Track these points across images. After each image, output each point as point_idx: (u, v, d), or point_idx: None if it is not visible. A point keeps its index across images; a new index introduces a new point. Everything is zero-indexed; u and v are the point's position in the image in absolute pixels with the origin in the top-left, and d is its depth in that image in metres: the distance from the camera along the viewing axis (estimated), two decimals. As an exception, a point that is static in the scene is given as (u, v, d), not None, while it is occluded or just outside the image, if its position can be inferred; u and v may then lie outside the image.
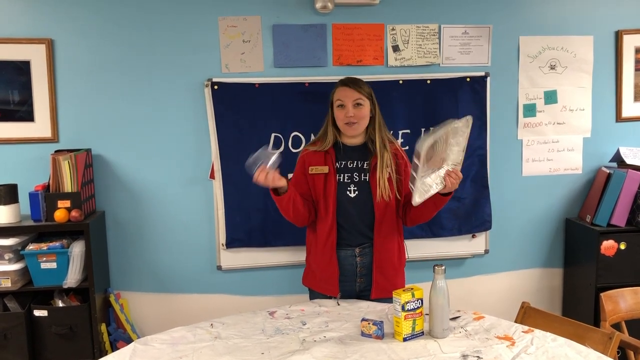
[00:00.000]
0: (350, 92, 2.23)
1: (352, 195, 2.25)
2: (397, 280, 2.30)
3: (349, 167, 2.27)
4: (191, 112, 2.89)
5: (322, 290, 2.31)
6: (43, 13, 2.74)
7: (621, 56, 3.13)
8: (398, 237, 2.33)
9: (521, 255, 3.24)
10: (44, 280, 2.58)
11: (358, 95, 2.23)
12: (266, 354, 1.76)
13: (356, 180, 2.26)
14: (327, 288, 2.29)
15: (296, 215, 2.24)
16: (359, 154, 2.29)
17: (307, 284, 2.42)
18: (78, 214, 2.57)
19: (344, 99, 2.23)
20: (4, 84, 2.74)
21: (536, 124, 3.13)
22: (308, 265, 2.42)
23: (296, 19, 2.90)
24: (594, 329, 2.03)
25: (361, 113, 2.24)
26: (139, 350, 1.79)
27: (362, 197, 2.25)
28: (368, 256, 2.28)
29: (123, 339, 2.78)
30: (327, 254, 2.26)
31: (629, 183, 2.93)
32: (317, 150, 2.30)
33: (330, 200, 2.24)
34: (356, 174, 2.26)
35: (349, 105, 2.22)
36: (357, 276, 2.29)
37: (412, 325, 1.82)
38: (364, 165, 2.27)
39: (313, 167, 2.27)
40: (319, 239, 2.29)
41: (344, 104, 2.23)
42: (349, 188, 2.26)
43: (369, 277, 2.28)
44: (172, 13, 2.83)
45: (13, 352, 2.54)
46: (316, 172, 2.27)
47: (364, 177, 2.26)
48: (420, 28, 2.98)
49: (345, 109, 2.23)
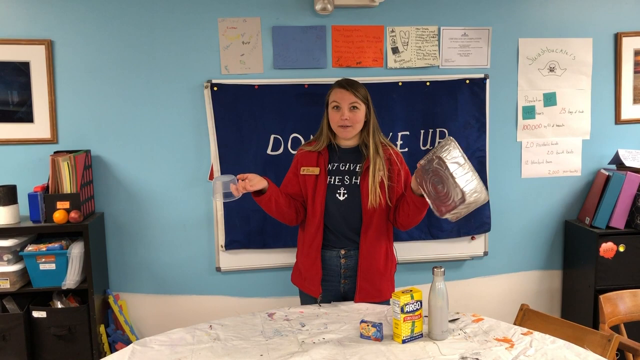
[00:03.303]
0: (347, 95, 2.21)
1: (341, 198, 2.23)
2: (383, 286, 2.26)
3: (341, 169, 2.26)
4: (190, 113, 2.89)
5: (306, 290, 2.32)
6: (43, 14, 2.74)
7: (620, 58, 3.13)
8: (387, 243, 2.30)
9: (520, 258, 3.24)
10: (42, 281, 2.58)
11: (354, 98, 2.21)
12: (265, 355, 1.75)
13: (347, 183, 2.24)
14: (310, 288, 2.29)
15: (281, 215, 2.25)
16: (351, 156, 2.28)
17: (294, 282, 2.42)
18: (77, 215, 2.57)
19: (340, 101, 2.21)
20: (3, 84, 2.74)
21: (535, 126, 3.14)
22: (296, 263, 2.42)
23: (296, 21, 2.90)
24: (593, 331, 2.03)
25: (356, 117, 2.22)
26: (138, 351, 1.79)
27: (350, 200, 2.23)
28: (353, 259, 2.26)
29: (122, 340, 2.78)
30: (312, 255, 2.26)
31: (627, 185, 2.93)
32: (311, 151, 2.30)
33: (318, 202, 2.23)
34: (347, 177, 2.25)
35: (345, 108, 2.20)
36: (341, 277, 2.28)
37: (411, 327, 1.82)
38: (355, 168, 2.26)
39: (305, 167, 2.27)
40: (306, 238, 2.29)
41: (340, 106, 2.21)
42: (338, 191, 2.24)
43: (354, 280, 2.26)
44: (172, 14, 2.83)
45: (12, 353, 2.54)
46: (307, 172, 2.27)
47: (354, 180, 2.24)
48: (420, 30, 2.98)
49: (340, 111, 2.21)
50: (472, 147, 3.04)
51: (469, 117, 3.02)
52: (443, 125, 3.00)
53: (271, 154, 2.92)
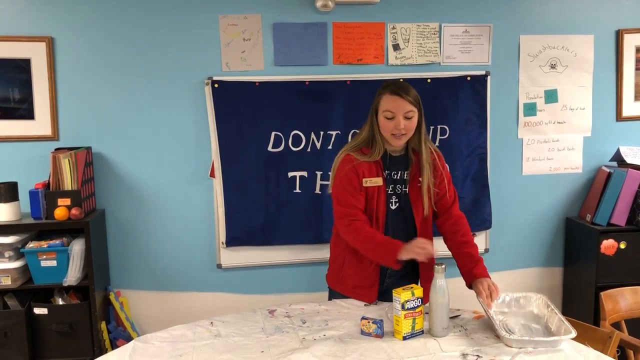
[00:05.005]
0: (402, 103, 2.04)
1: (394, 207, 2.15)
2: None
3: (393, 178, 2.15)
4: (191, 110, 2.89)
5: (357, 297, 2.19)
6: (43, 11, 2.74)
7: (622, 55, 3.13)
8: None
9: (521, 254, 3.24)
10: (44, 278, 2.58)
11: (410, 107, 2.04)
12: (266, 352, 1.76)
13: (398, 192, 2.15)
14: (363, 294, 2.17)
15: None
16: (402, 163, 2.15)
17: (337, 289, 2.27)
18: (78, 212, 2.57)
19: (395, 110, 2.04)
20: (4, 81, 2.74)
21: (536, 123, 3.13)
22: (338, 270, 2.25)
23: (297, 18, 2.89)
24: (594, 328, 2.03)
25: (412, 125, 2.07)
26: (139, 348, 1.79)
27: (402, 209, 2.15)
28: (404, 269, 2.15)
29: (123, 337, 2.78)
30: (371, 266, 2.15)
31: (629, 182, 2.93)
32: (368, 161, 2.12)
33: (381, 213, 2.12)
34: (398, 186, 2.15)
35: (400, 116, 2.03)
36: (387, 277, 2.19)
37: (412, 324, 1.82)
38: (404, 175, 2.15)
39: (367, 178, 2.11)
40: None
41: (395, 116, 2.04)
42: (391, 200, 2.15)
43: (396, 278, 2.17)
44: (173, 11, 2.83)
45: (13, 349, 2.55)
46: (371, 184, 2.10)
47: (403, 188, 2.14)
48: (421, 27, 2.98)
49: (395, 120, 2.04)
50: (473, 144, 3.03)
51: (470, 114, 3.02)
52: (444, 122, 2.99)
53: (272, 151, 2.92)
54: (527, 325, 1.89)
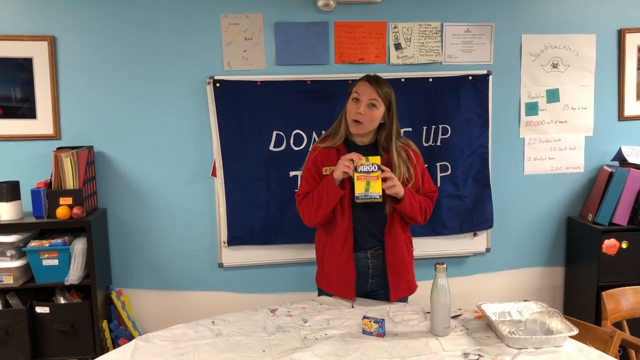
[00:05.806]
0: (368, 89, 2.13)
1: None
2: (410, 277, 2.27)
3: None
4: (193, 109, 2.89)
5: (338, 293, 2.22)
6: (45, 10, 2.74)
7: (624, 55, 3.12)
8: (405, 234, 2.27)
9: (523, 254, 3.24)
10: (45, 277, 2.58)
11: (375, 95, 2.12)
12: (267, 351, 1.76)
13: None
14: (343, 291, 2.21)
15: (327, 217, 2.17)
16: (367, 154, 2.14)
17: (322, 287, 2.32)
18: (80, 211, 2.57)
19: (361, 94, 2.13)
20: (6, 81, 2.74)
21: (538, 122, 3.13)
22: (321, 267, 2.31)
23: (298, 17, 2.89)
24: (596, 328, 2.03)
25: (372, 115, 2.13)
26: (141, 347, 1.80)
27: None
28: (380, 258, 2.21)
29: (124, 336, 2.78)
30: (345, 258, 2.18)
31: (630, 182, 2.93)
32: (329, 147, 2.20)
33: (346, 203, 2.15)
34: None
35: (363, 102, 2.12)
36: (369, 277, 2.23)
37: (365, 186, 1.86)
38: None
39: (327, 167, 2.16)
40: (335, 242, 2.20)
41: (359, 99, 2.13)
42: None
43: (380, 278, 2.22)
44: (174, 11, 2.83)
45: (15, 348, 2.55)
46: (330, 172, 2.14)
47: None
48: (423, 26, 2.98)
49: (358, 103, 2.13)
50: (474, 143, 3.03)
51: (471, 113, 3.02)
52: (445, 121, 2.99)
53: (273, 150, 2.92)
54: (528, 326, 1.89)
